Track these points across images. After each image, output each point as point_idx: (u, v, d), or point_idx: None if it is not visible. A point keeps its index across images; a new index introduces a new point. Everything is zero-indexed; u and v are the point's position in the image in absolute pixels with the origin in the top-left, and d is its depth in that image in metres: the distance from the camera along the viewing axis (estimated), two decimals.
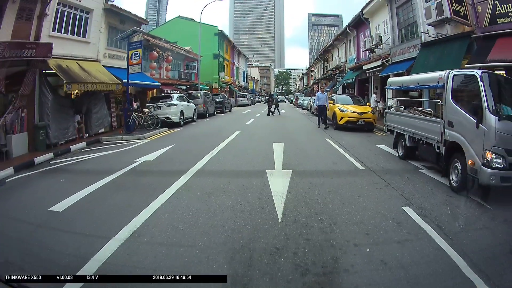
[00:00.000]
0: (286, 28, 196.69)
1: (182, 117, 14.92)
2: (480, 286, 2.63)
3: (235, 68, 47.63)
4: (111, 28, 14.63)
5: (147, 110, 13.80)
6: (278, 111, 21.36)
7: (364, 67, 19.20)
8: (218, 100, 23.96)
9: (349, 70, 24.08)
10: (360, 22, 20.73)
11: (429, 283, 2.72)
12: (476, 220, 4.18)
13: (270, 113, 20.37)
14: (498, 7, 9.50)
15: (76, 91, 11.11)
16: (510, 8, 9.28)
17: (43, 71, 10.16)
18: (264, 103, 21.46)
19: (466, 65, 9.38)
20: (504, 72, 9.41)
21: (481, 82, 4.89)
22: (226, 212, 4.16)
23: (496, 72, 9.67)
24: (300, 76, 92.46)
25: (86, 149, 9.85)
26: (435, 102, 7.66)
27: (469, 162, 4.92)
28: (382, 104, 15.33)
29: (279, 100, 24.63)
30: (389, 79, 9.15)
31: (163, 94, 17.25)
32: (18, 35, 9.09)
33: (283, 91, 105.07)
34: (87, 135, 11.84)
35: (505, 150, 4.61)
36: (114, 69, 13.95)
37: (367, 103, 15.26)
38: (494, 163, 4.62)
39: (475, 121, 4.86)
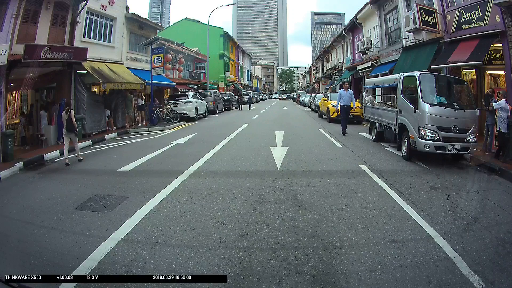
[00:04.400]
0: (289, 25, 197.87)
1: (196, 113, 17.25)
2: (409, 210, 4.42)
3: (239, 67, 49.89)
4: (131, 33, 16.74)
5: (168, 106, 16.09)
6: (250, 106, 27.54)
7: (358, 68, 21.28)
8: (226, 98, 26.29)
9: (345, 70, 26.18)
10: (354, 26, 22.85)
11: (357, 193, 4.91)
12: (406, 170, 6.40)
13: (247, 106, 26.80)
14: (463, 15, 11.03)
15: (105, 89, 12.90)
16: (473, 16, 10.78)
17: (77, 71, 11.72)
18: (239, 103, 27.95)
19: (431, 66, 11.38)
20: (475, 70, 11.31)
21: (418, 81, 7.07)
22: (246, 165, 6.60)
23: (465, 70, 11.62)
24: (303, 74, 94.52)
25: (118, 138, 11.77)
26: (394, 96, 9.73)
27: (411, 137, 7.13)
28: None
29: (253, 101, 32.92)
30: (366, 80, 11.35)
31: (179, 92, 19.53)
32: (54, 39, 10.49)
33: (286, 89, 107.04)
34: (115, 127, 13.92)
35: (437, 127, 6.72)
36: (135, 70, 15.99)
37: (357, 100, 17.29)
38: (427, 136, 6.76)
39: (413, 108, 7.03)
